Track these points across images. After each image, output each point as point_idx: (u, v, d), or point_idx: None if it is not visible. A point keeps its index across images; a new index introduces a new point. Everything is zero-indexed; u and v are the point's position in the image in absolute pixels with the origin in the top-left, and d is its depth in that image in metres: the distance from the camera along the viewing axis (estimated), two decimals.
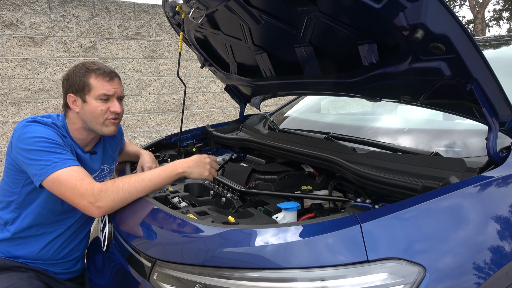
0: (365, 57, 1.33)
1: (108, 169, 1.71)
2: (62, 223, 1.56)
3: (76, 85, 1.48)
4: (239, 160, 2.15)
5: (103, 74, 1.48)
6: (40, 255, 1.53)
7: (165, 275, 1.05)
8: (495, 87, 1.08)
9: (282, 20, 1.45)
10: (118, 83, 1.54)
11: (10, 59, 4.14)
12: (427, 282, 0.86)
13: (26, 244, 1.51)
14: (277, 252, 0.92)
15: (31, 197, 1.47)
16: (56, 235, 1.55)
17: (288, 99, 2.87)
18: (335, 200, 1.47)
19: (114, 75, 1.52)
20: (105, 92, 1.48)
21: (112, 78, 1.51)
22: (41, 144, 1.34)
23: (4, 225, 1.50)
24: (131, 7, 4.76)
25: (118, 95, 1.53)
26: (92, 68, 1.48)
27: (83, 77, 1.47)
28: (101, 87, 1.47)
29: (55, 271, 1.59)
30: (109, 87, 1.49)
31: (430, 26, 1.00)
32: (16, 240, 1.50)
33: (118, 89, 1.52)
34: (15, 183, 1.46)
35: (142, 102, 4.93)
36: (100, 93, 1.47)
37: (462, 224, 0.97)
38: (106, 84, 1.48)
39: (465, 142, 1.44)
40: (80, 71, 1.48)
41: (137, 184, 1.37)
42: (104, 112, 1.49)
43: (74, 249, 1.64)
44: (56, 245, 1.56)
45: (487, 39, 2.25)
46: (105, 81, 1.48)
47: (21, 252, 1.50)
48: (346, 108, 3.36)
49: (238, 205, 1.46)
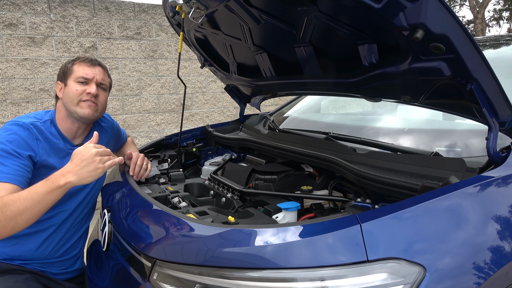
0: (365, 57, 1.33)
1: None
2: (55, 219, 1.55)
3: (62, 72, 1.59)
4: (239, 160, 2.15)
5: (85, 60, 1.59)
6: (38, 253, 1.52)
7: (165, 275, 1.05)
8: (495, 87, 1.08)
9: (282, 20, 1.45)
10: (100, 70, 1.61)
11: (10, 59, 4.14)
12: (427, 282, 0.86)
13: (22, 243, 1.50)
14: (277, 252, 0.92)
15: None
16: (51, 232, 1.54)
17: (288, 99, 2.87)
18: (335, 200, 1.47)
19: (97, 63, 1.62)
20: (83, 75, 1.56)
21: (94, 65, 1.60)
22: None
23: None
24: (131, 7, 4.76)
25: (97, 80, 1.59)
26: (80, 58, 1.61)
27: (69, 64, 1.60)
28: (80, 71, 1.57)
29: (52, 271, 1.58)
30: (88, 71, 1.57)
31: (430, 26, 1.00)
32: (11, 240, 1.49)
33: (97, 75, 1.59)
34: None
35: (142, 102, 4.93)
36: (78, 75, 1.56)
37: (462, 224, 0.97)
38: (86, 69, 1.57)
39: (465, 142, 1.44)
40: (69, 61, 1.61)
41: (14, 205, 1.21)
42: (79, 93, 1.55)
43: (73, 247, 1.64)
44: (53, 243, 1.56)
45: (487, 39, 2.25)
46: (86, 66, 1.58)
47: (18, 252, 1.50)
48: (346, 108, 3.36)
49: (238, 205, 1.46)
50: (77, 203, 1.62)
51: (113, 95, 4.69)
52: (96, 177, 1.28)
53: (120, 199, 1.54)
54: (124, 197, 1.52)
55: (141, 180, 1.89)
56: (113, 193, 1.64)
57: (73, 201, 1.61)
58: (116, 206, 1.51)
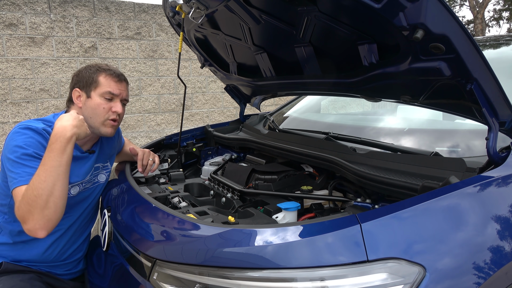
0: (365, 57, 1.33)
1: (102, 166, 1.71)
2: (62, 224, 1.56)
3: (85, 81, 1.52)
4: (239, 160, 2.15)
5: (112, 74, 1.53)
6: (44, 257, 1.53)
7: (165, 275, 1.05)
8: (495, 87, 1.08)
9: (282, 20, 1.45)
10: (125, 86, 1.58)
11: (10, 59, 4.14)
12: (427, 282, 0.86)
13: (28, 248, 1.51)
14: (277, 252, 0.92)
15: None
16: (57, 236, 1.55)
17: (288, 99, 2.87)
18: (335, 200, 1.47)
19: (123, 79, 1.57)
20: (111, 90, 1.51)
21: (121, 80, 1.56)
22: (19, 155, 1.36)
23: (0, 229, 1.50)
24: (131, 7, 4.76)
25: (122, 97, 1.56)
26: (103, 68, 1.54)
27: (93, 74, 1.52)
28: (108, 85, 1.51)
29: (58, 272, 1.59)
30: (115, 87, 1.53)
31: (430, 26, 1.00)
32: (18, 244, 1.50)
33: (123, 92, 1.56)
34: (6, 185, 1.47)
35: (142, 102, 4.93)
36: (105, 91, 1.51)
37: (462, 224, 0.97)
38: (113, 84, 1.52)
39: (465, 142, 1.44)
40: (92, 68, 1.54)
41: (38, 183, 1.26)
42: (106, 111, 1.52)
43: (77, 250, 1.64)
44: (59, 247, 1.56)
45: (487, 39, 2.25)
46: (113, 81, 1.53)
47: (25, 256, 1.50)
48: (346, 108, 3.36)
49: (238, 205, 1.47)
50: (84, 208, 1.64)
51: None
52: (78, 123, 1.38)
53: (120, 199, 1.54)
54: (124, 197, 1.52)
55: (141, 180, 1.89)
56: (113, 193, 1.64)
57: (81, 207, 1.62)
58: (116, 206, 1.52)
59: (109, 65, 1.58)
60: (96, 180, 1.68)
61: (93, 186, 1.66)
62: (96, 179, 1.68)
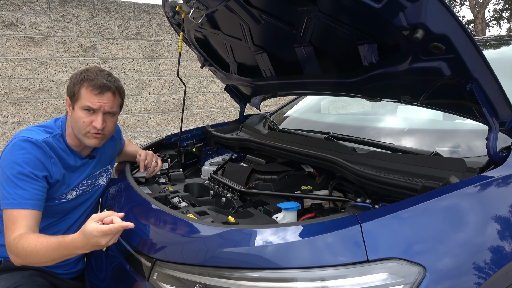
0: (365, 57, 1.33)
1: (104, 169, 1.72)
2: (61, 225, 1.56)
3: (70, 90, 1.47)
4: (239, 160, 2.15)
5: (93, 86, 1.43)
6: None
7: (165, 275, 1.05)
8: (495, 87, 1.07)
9: (282, 20, 1.45)
10: (109, 98, 1.47)
11: (10, 59, 4.13)
12: (427, 282, 0.86)
13: None
14: (277, 252, 0.92)
15: None
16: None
17: (288, 99, 2.87)
18: (335, 200, 1.47)
19: (106, 90, 1.45)
20: (90, 105, 1.43)
21: (102, 92, 1.44)
22: (14, 172, 1.36)
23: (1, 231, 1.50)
24: (131, 7, 4.76)
25: (104, 110, 1.46)
26: (88, 78, 1.45)
27: (77, 85, 1.45)
28: (87, 99, 1.43)
29: (58, 272, 1.59)
30: (94, 101, 1.43)
31: (430, 26, 1.00)
32: None
33: (105, 104, 1.45)
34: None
35: (142, 102, 4.93)
36: (84, 105, 1.44)
37: (462, 224, 0.97)
38: (93, 97, 1.43)
39: (465, 142, 1.44)
40: (78, 78, 1.46)
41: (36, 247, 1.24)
42: (86, 125, 1.45)
43: None
44: None
45: (487, 39, 2.25)
46: (93, 94, 1.43)
47: None
48: (346, 108, 3.35)
49: (238, 205, 1.46)
50: (83, 210, 1.64)
51: None
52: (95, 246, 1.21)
53: (120, 199, 1.54)
54: (124, 197, 1.52)
55: (141, 180, 1.89)
56: (113, 193, 1.64)
57: (80, 209, 1.63)
58: (116, 206, 1.52)
59: (98, 72, 1.47)
60: (96, 183, 1.68)
61: (93, 189, 1.67)
62: (97, 182, 1.68)
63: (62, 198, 1.52)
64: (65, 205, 1.54)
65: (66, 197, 1.53)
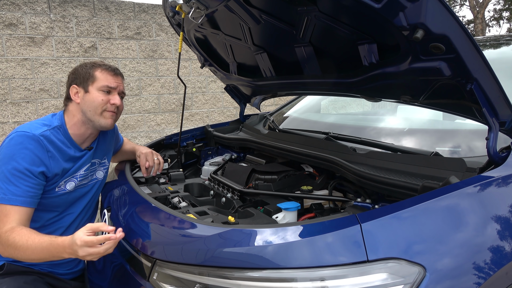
0: (365, 57, 1.33)
1: (99, 162, 1.72)
2: (62, 221, 1.57)
3: (82, 77, 1.56)
4: (239, 160, 2.15)
5: (108, 69, 1.58)
6: None
7: (165, 275, 1.05)
8: (495, 87, 1.07)
9: (282, 20, 1.45)
10: (121, 80, 1.63)
11: (10, 59, 4.13)
12: (427, 282, 0.86)
13: None
14: (277, 252, 0.92)
15: None
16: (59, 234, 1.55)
17: (288, 99, 2.87)
18: (335, 200, 1.47)
19: (118, 73, 1.62)
20: (108, 84, 1.55)
21: (116, 74, 1.60)
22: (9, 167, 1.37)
23: None
24: (131, 7, 4.76)
25: (120, 90, 1.60)
26: (98, 63, 1.59)
27: (90, 69, 1.56)
28: (105, 79, 1.55)
29: (59, 272, 1.59)
30: (112, 80, 1.57)
31: (430, 26, 1.00)
32: None
33: (120, 85, 1.60)
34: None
35: (142, 102, 4.93)
36: (103, 84, 1.54)
37: (462, 224, 0.97)
38: (110, 78, 1.57)
39: (465, 142, 1.44)
40: (87, 65, 1.58)
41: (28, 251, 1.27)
42: (104, 103, 1.55)
43: None
44: None
45: (487, 39, 2.25)
46: (109, 75, 1.57)
47: None
48: (346, 108, 3.35)
49: (238, 205, 1.46)
50: (83, 205, 1.64)
51: None
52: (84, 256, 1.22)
53: (120, 199, 1.54)
54: (124, 197, 1.52)
55: (141, 180, 1.89)
56: (113, 193, 1.64)
57: (80, 204, 1.63)
58: (116, 206, 1.52)
59: (104, 61, 1.63)
60: (94, 176, 1.68)
61: (91, 182, 1.67)
62: (94, 175, 1.68)
63: (61, 190, 1.53)
64: (65, 197, 1.54)
65: (65, 188, 1.54)
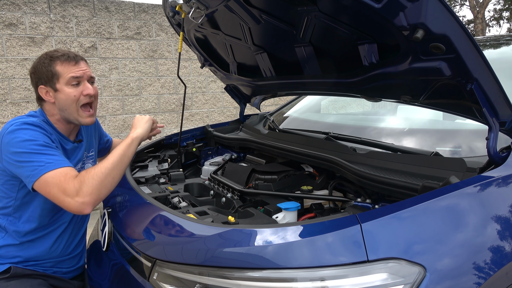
0: (365, 57, 1.33)
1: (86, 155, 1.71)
2: (64, 218, 1.57)
3: (45, 76, 1.47)
4: (239, 160, 2.15)
5: (68, 59, 1.47)
6: (51, 252, 1.54)
7: (165, 275, 1.05)
8: (495, 87, 1.07)
9: (282, 20, 1.45)
10: (85, 65, 1.53)
11: (10, 59, 4.13)
12: (427, 282, 0.86)
13: (35, 245, 1.51)
14: (277, 252, 0.92)
15: (27, 200, 1.47)
16: (61, 231, 1.56)
17: (288, 99, 2.87)
18: (335, 200, 1.47)
19: (80, 58, 1.51)
20: (73, 75, 1.46)
21: (78, 61, 1.49)
22: (33, 146, 1.34)
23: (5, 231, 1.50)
24: (131, 7, 4.76)
25: (88, 76, 1.51)
26: (56, 56, 1.47)
27: (49, 67, 1.46)
28: (68, 71, 1.46)
29: (63, 270, 1.60)
30: (76, 70, 1.47)
31: (430, 26, 1.00)
32: (24, 244, 1.50)
33: (86, 71, 1.51)
34: (9, 188, 1.45)
35: (142, 102, 4.93)
36: (68, 77, 1.45)
37: (462, 224, 0.97)
38: (72, 68, 1.47)
39: (466, 142, 1.44)
40: (45, 61, 1.47)
41: (105, 163, 1.37)
42: (77, 98, 1.48)
43: (79, 243, 1.66)
44: (64, 240, 1.57)
45: (487, 39, 2.25)
46: (71, 65, 1.47)
47: (32, 253, 1.51)
48: (346, 108, 3.35)
49: (238, 205, 1.46)
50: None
51: (113, 95, 4.68)
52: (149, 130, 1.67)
53: (120, 199, 1.54)
54: (124, 197, 1.52)
55: (141, 180, 1.89)
56: (113, 193, 1.64)
57: None
58: (116, 206, 1.52)
59: (59, 50, 1.51)
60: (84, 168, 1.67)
61: None
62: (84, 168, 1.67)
63: None
64: None
65: None
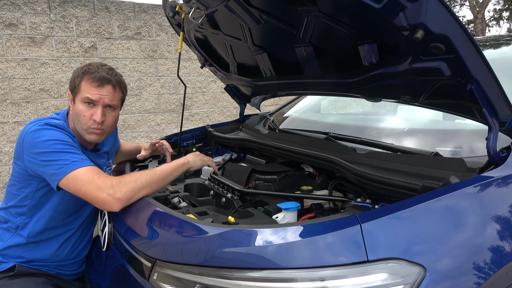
0: (365, 57, 1.33)
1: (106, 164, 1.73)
2: (73, 224, 1.58)
3: (73, 85, 1.49)
4: (239, 160, 2.15)
5: (93, 78, 1.44)
6: (55, 256, 1.55)
7: (165, 275, 1.05)
8: (495, 87, 1.07)
9: (282, 20, 1.45)
10: (110, 90, 1.47)
11: (10, 59, 4.13)
12: (427, 282, 0.86)
13: (40, 248, 1.52)
14: (277, 252, 0.92)
15: (43, 200, 1.48)
16: (68, 236, 1.57)
17: (288, 99, 2.87)
18: (335, 200, 1.47)
19: (106, 82, 1.46)
20: (89, 96, 1.44)
21: (102, 85, 1.45)
22: (57, 146, 1.34)
23: (15, 230, 1.50)
24: (131, 7, 4.76)
25: (104, 102, 1.47)
26: (89, 71, 1.46)
27: (78, 78, 1.47)
28: (87, 90, 1.44)
29: (66, 272, 1.61)
30: (94, 92, 1.44)
31: (430, 26, 1.00)
32: (30, 245, 1.50)
33: (105, 97, 1.46)
34: (27, 187, 1.46)
35: (142, 102, 4.93)
36: (84, 97, 1.44)
37: (462, 224, 0.97)
38: (92, 89, 1.44)
39: (465, 142, 1.44)
40: (80, 71, 1.48)
41: (151, 173, 1.40)
42: (87, 119, 1.46)
43: (84, 249, 1.66)
44: (69, 246, 1.58)
45: (487, 39, 2.25)
46: (93, 86, 1.44)
47: (37, 255, 1.52)
48: (346, 108, 3.35)
49: (238, 205, 1.46)
50: (92, 207, 1.65)
51: None
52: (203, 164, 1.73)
53: None
54: None
55: None
56: None
57: (89, 205, 1.63)
58: None
59: (99, 67, 1.48)
60: None
61: None
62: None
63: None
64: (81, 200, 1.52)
65: None
